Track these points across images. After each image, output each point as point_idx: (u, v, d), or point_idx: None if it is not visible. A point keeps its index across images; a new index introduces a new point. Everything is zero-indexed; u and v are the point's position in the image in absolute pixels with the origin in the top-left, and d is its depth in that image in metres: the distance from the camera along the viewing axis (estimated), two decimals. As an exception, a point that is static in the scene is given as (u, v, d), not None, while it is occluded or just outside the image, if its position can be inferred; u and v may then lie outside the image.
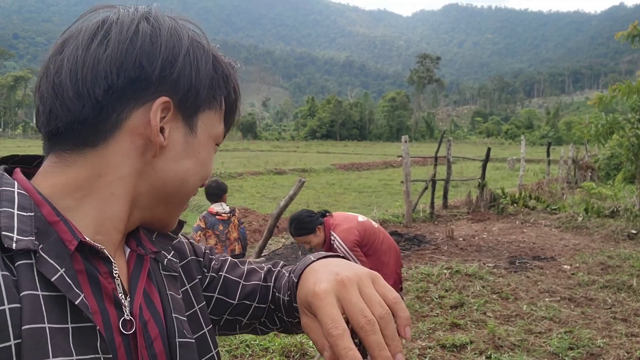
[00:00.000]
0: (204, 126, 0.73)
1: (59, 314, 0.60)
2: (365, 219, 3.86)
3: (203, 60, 0.71)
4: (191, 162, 0.72)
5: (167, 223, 0.78)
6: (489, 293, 6.27)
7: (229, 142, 71.49)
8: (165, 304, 0.76)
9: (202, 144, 0.73)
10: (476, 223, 11.56)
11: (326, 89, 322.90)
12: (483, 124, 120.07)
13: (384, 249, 3.72)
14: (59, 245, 0.63)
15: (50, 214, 0.64)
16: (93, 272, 0.66)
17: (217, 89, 0.74)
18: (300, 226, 3.62)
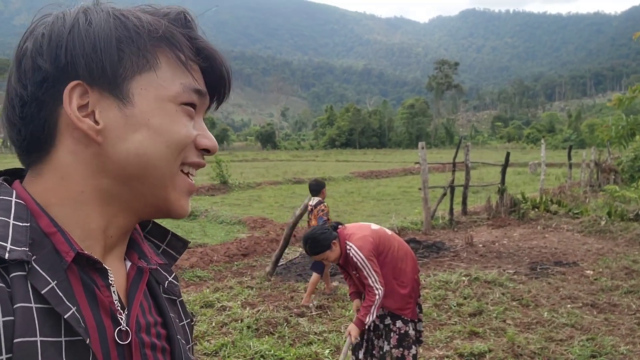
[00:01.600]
0: (145, 92, 0.67)
1: (53, 327, 0.59)
2: (379, 227, 3.79)
3: (98, 27, 0.65)
4: (142, 134, 0.66)
5: (165, 206, 0.71)
6: (508, 300, 6.15)
7: (248, 153, 71.91)
8: (168, 323, 0.76)
9: (150, 110, 0.67)
10: (496, 229, 11.39)
11: (345, 97, 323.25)
12: (504, 129, 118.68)
13: (400, 255, 3.64)
14: (53, 257, 0.62)
15: (48, 225, 0.64)
16: (90, 284, 0.65)
17: (136, 48, 0.66)
18: (315, 245, 3.54)
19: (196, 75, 0.71)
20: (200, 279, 7.33)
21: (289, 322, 5.40)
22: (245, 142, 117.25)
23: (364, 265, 3.44)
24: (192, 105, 0.70)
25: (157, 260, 0.79)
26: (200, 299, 6.08)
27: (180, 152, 0.69)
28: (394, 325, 3.59)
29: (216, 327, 5.24)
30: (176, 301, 0.83)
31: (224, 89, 0.76)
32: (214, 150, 0.74)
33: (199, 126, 0.73)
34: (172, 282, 0.82)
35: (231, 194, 19.31)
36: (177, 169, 0.70)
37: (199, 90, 0.71)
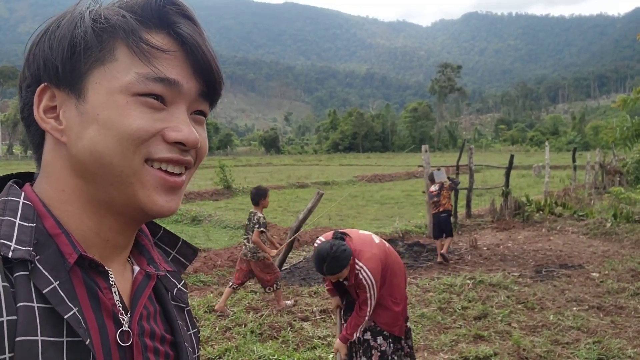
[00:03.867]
0: (99, 85, 0.65)
1: (54, 327, 0.60)
2: (379, 238, 3.57)
3: (60, 30, 0.67)
4: (93, 129, 0.65)
5: (137, 205, 0.67)
6: (513, 303, 6.11)
7: (252, 157, 71.99)
8: (175, 329, 0.76)
9: (100, 104, 0.65)
10: (501, 232, 11.35)
11: (348, 101, 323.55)
12: (507, 132, 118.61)
13: (396, 270, 3.44)
14: (56, 258, 0.63)
15: (53, 226, 0.66)
16: (92, 286, 0.66)
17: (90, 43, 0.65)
18: (335, 264, 3.13)
19: (165, 63, 0.66)
20: (204, 283, 7.32)
21: (293, 326, 5.38)
22: (249, 147, 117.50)
23: (371, 288, 3.22)
24: (155, 95, 0.66)
25: (166, 267, 0.79)
26: (204, 304, 6.06)
27: (137, 147, 0.65)
28: (375, 341, 3.40)
29: (220, 331, 5.22)
30: (184, 309, 0.83)
31: (213, 77, 0.71)
32: (189, 143, 0.67)
33: (173, 118, 0.67)
34: (181, 289, 0.82)
35: (235, 199, 19.30)
36: (140, 165, 0.66)
37: (163, 79, 0.66)
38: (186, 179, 0.71)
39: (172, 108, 0.67)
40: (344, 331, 3.32)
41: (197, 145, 0.69)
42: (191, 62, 0.68)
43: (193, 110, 0.71)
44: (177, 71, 0.67)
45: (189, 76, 0.68)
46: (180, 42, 0.68)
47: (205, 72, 0.69)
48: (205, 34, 0.72)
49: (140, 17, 0.67)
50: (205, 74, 0.70)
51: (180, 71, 0.67)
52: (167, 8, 0.68)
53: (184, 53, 0.68)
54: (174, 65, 0.67)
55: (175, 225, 12.53)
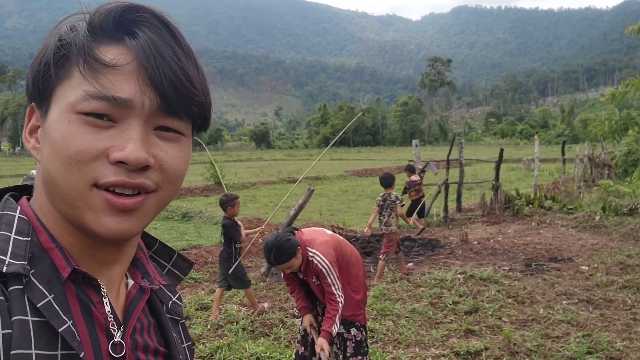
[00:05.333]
0: (56, 104, 0.64)
1: (48, 340, 0.60)
2: (331, 232, 3.72)
3: (38, 52, 0.68)
4: (47, 149, 0.64)
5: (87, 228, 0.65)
6: (504, 297, 6.15)
7: (243, 152, 71.76)
8: (170, 342, 0.77)
9: (51, 122, 0.64)
10: (491, 226, 11.40)
11: (338, 96, 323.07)
12: (497, 125, 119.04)
13: (352, 261, 3.58)
14: (51, 271, 0.64)
15: (47, 241, 0.66)
16: (85, 300, 0.66)
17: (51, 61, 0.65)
18: (281, 253, 3.29)
19: (115, 78, 0.62)
20: (195, 280, 7.29)
21: (285, 323, 5.38)
22: (239, 142, 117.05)
23: (329, 272, 3.32)
24: (99, 114, 0.62)
25: (160, 281, 0.79)
26: (195, 301, 6.05)
27: (79, 170, 0.62)
28: (348, 333, 3.51)
29: (211, 329, 5.21)
30: (179, 322, 0.83)
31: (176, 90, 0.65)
32: (130, 162, 0.62)
33: (122, 135, 0.63)
34: (176, 302, 0.82)
35: (226, 195, 19.23)
36: (86, 190, 0.63)
37: (108, 97, 0.62)
38: (148, 202, 0.66)
39: (122, 125, 0.64)
40: (324, 326, 3.35)
41: (140, 164, 0.63)
42: (147, 73, 0.63)
43: (157, 126, 0.66)
44: (129, 86, 0.63)
45: (144, 90, 0.63)
46: (135, 53, 0.63)
47: (163, 85, 0.64)
48: (181, 41, 0.67)
49: (99, 29, 0.64)
50: (164, 86, 0.64)
51: (134, 85, 0.63)
52: (127, 16, 0.64)
53: (139, 64, 0.63)
54: (126, 79, 0.63)
55: (166, 222, 12.48)
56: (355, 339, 3.50)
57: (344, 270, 3.48)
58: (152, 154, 0.65)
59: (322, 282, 3.39)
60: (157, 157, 0.65)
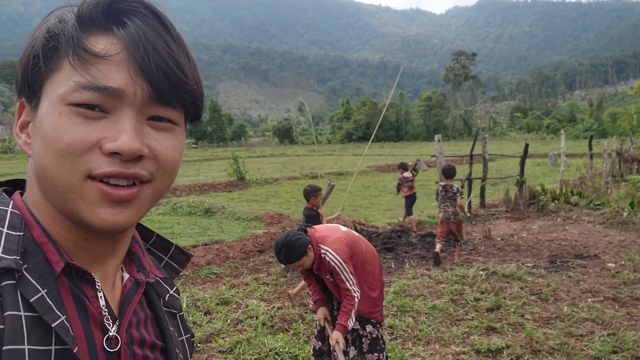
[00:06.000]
0: (46, 96, 0.64)
1: (41, 335, 0.60)
2: (347, 229, 3.68)
3: (27, 46, 0.66)
4: (39, 142, 0.64)
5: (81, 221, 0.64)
6: (527, 294, 6.05)
7: (266, 148, 72.08)
8: (166, 336, 0.76)
9: (42, 115, 0.63)
10: (515, 222, 11.24)
11: (361, 91, 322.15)
12: (523, 120, 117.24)
13: (368, 258, 3.55)
14: (44, 266, 0.63)
15: (40, 235, 0.66)
16: (79, 294, 0.66)
17: (40, 54, 0.64)
18: (291, 252, 3.28)
19: (106, 68, 0.62)
20: (217, 275, 7.35)
21: (304, 318, 5.38)
22: (263, 138, 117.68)
23: (342, 269, 3.32)
24: (90, 105, 0.62)
25: (157, 274, 0.79)
26: (216, 296, 6.08)
27: (73, 162, 0.61)
28: (364, 330, 3.50)
29: (231, 324, 5.24)
30: (176, 315, 0.83)
31: (167, 79, 0.64)
32: (124, 152, 0.62)
33: (114, 126, 0.62)
34: (173, 295, 0.81)
35: (248, 190, 19.36)
36: (80, 181, 0.62)
37: (99, 87, 0.61)
38: (143, 192, 0.65)
39: (114, 115, 0.63)
40: (339, 320, 3.36)
41: (134, 154, 0.62)
42: (138, 63, 0.63)
43: (149, 116, 0.65)
44: (121, 76, 0.63)
45: (135, 79, 0.63)
46: (125, 43, 0.63)
47: (154, 74, 0.63)
48: (171, 30, 0.66)
49: (88, 20, 0.64)
50: (155, 75, 0.63)
51: (125, 75, 0.63)
52: (116, 6, 0.64)
53: (129, 54, 0.63)
54: (116, 69, 0.63)
55: (189, 217, 12.60)
56: (370, 336, 3.48)
57: (359, 268, 3.46)
58: (145, 144, 0.64)
59: (336, 279, 3.38)
60: (150, 147, 0.65)
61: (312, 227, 3.55)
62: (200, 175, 25.89)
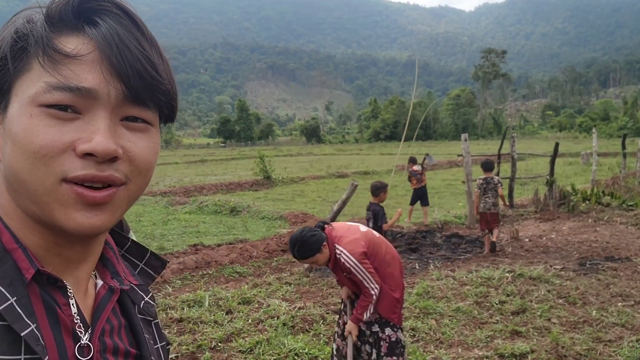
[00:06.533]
0: (16, 98, 0.62)
1: (11, 344, 0.59)
2: (367, 229, 3.64)
3: None
4: (9, 146, 0.61)
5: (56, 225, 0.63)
6: (554, 298, 5.90)
7: (293, 147, 72.26)
8: (141, 343, 0.74)
9: (12, 118, 0.61)
10: (544, 222, 11.01)
11: (389, 89, 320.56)
12: (555, 118, 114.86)
13: (388, 259, 3.51)
14: (13, 273, 0.62)
15: (9, 241, 0.64)
16: (50, 302, 0.64)
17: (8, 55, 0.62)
18: (305, 248, 3.30)
19: (77, 68, 0.61)
20: (240, 274, 7.38)
21: (325, 319, 5.35)
22: (290, 137, 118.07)
23: (358, 269, 3.32)
24: (62, 106, 0.60)
25: (131, 281, 0.77)
26: (238, 295, 6.11)
27: (46, 165, 0.60)
28: (383, 333, 3.47)
29: (252, 324, 5.24)
30: (151, 322, 0.81)
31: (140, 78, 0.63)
32: (99, 153, 0.60)
33: (88, 127, 0.61)
34: (148, 302, 0.80)
35: (274, 189, 19.43)
36: (54, 185, 0.61)
37: (71, 87, 0.60)
38: (118, 195, 0.64)
39: (88, 116, 0.61)
40: (354, 311, 3.41)
41: (109, 155, 0.61)
42: (111, 63, 0.62)
43: (123, 117, 0.64)
44: (93, 76, 0.61)
45: (109, 79, 0.62)
46: (97, 42, 0.62)
47: (128, 74, 0.62)
48: (144, 29, 0.65)
49: (58, 20, 0.62)
50: (129, 75, 0.62)
51: (97, 75, 0.61)
52: (86, 5, 0.62)
53: (101, 53, 0.61)
54: (88, 69, 0.61)
55: (215, 216, 12.71)
56: (389, 339, 3.44)
57: (379, 269, 3.43)
58: (120, 144, 0.63)
59: (353, 278, 3.38)
60: (125, 148, 0.63)
61: (330, 225, 3.53)
62: (227, 174, 26.11)
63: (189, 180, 22.89)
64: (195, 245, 8.98)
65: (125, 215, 2.63)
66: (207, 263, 7.66)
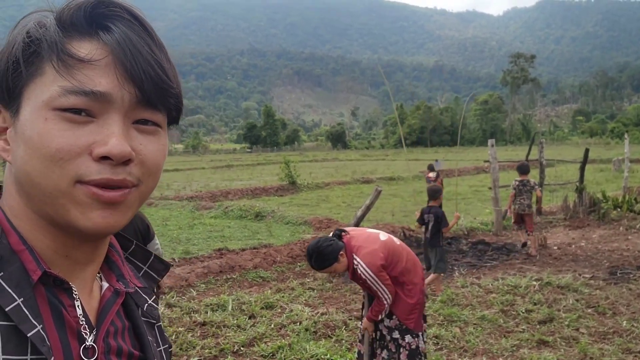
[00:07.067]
0: (28, 102, 0.63)
1: (18, 345, 0.59)
2: (388, 236, 3.59)
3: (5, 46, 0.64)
4: (22, 149, 0.62)
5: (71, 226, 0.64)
6: (583, 307, 5.76)
7: (319, 153, 72.36)
8: (145, 346, 0.75)
9: (25, 121, 0.63)
10: (573, 230, 10.77)
11: (415, 95, 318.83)
12: (586, 124, 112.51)
13: (409, 266, 3.48)
14: (20, 274, 0.62)
15: (17, 243, 0.65)
16: (56, 304, 0.65)
17: (20, 58, 0.63)
18: (322, 258, 3.28)
19: (91, 73, 0.62)
20: (263, 279, 7.40)
21: (348, 325, 5.33)
22: (316, 142, 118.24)
23: (373, 281, 3.31)
24: (77, 110, 0.62)
25: (136, 284, 0.78)
26: (261, 300, 6.12)
27: (61, 168, 0.61)
28: (403, 340, 3.46)
29: (275, 328, 5.25)
30: (154, 325, 0.81)
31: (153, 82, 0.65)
32: (115, 156, 0.62)
33: (102, 130, 0.62)
34: (152, 305, 0.80)
35: (299, 194, 19.47)
36: (69, 187, 0.62)
37: (86, 92, 0.61)
38: (131, 195, 0.65)
39: (102, 120, 0.63)
40: (369, 313, 3.47)
41: (124, 158, 0.62)
42: (124, 67, 0.63)
43: (135, 120, 0.66)
44: (107, 80, 0.63)
45: (123, 83, 0.63)
46: (111, 47, 0.63)
47: (142, 78, 0.64)
48: (153, 35, 0.67)
49: (69, 25, 0.64)
50: (143, 79, 0.64)
51: (111, 79, 0.63)
52: (98, 11, 0.64)
53: (115, 58, 0.63)
54: (102, 73, 0.62)
55: (240, 221, 12.79)
56: (410, 347, 3.41)
57: (398, 277, 3.42)
58: (132, 147, 0.64)
59: (368, 288, 3.41)
60: (137, 151, 0.65)
61: (347, 233, 3.51)
62: (252, 180, 26.28)
63: (215, 185, 23.11)
64: (220, 249, 9.04)
65: (152, 219, 2.64)
66: (231, 267, 7.70)
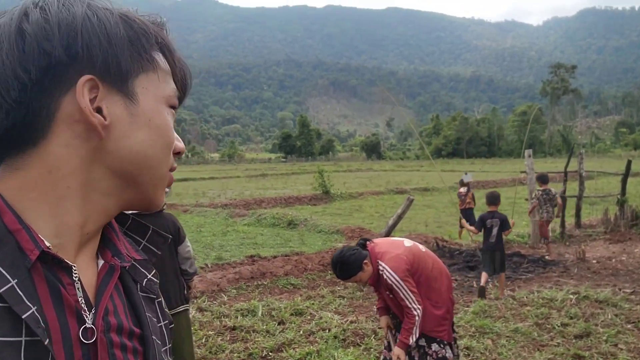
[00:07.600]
0: (146, 91, 0.67)
1: (13, 326, 0.58)
2: (412, 243, 3.55)
3: (109, 23, 0.63)
4: (144, 133, 0.67)
5: (149, 203, 0.73)
6: (622, 322, 5.56)
7: (353, 163, 72.27)
8: (143, 322, 0.74)
9: (151, 109, 0.68)
10: (614, 244, 10.43)
11: (452, 106, 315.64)
12: (629, 136, 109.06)
13: (435, 274, 3.41)
14: (15, 254, 0.60)
15: (12, 222, 0.62)
16: (55, 283, 0.63)
17: (141, 47, 0.66)
18: (346, 268, 3.28)
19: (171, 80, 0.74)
20: (294, 286, 7.42)
21: (377, 334, 5.28)
22: (351, 153, 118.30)
23: (400, 287, 3.23)
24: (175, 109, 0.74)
25: (135, 256, 0.76)
26: (291, 307, 6.13)
27: (169, 156, 0.72)
28: (429, 348, 3.38)
29: (303, 335, 5.25)
30: (154, 300, 0.79)
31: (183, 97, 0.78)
32: (183, 153, 0.77)
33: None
34: (151, 279, 0.78)
35: (333, 204, 19.48)
36: (167, 171, 0.73)
37: (179, 97, 0.75)
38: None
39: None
40: (400, 336, 3.31)
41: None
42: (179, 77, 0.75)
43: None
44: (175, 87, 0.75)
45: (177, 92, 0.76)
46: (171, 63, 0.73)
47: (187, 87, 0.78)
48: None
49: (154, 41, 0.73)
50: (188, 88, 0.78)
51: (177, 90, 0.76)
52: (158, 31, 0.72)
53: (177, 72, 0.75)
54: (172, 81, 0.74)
55: (272, 229, 12.86)
56: (436, 355, 3.34)
57: (424, 284, 3.35)
58: None
59: (395, 296, 3.31)
60: None
61: (371, 241, 3.49)
62: (286, 189, 26.43)
63: (250, 193, 23.34)
64: (252, 256, 9.12)
65: (187, 225, 2.70)
66: (262, 274, 7.75)
